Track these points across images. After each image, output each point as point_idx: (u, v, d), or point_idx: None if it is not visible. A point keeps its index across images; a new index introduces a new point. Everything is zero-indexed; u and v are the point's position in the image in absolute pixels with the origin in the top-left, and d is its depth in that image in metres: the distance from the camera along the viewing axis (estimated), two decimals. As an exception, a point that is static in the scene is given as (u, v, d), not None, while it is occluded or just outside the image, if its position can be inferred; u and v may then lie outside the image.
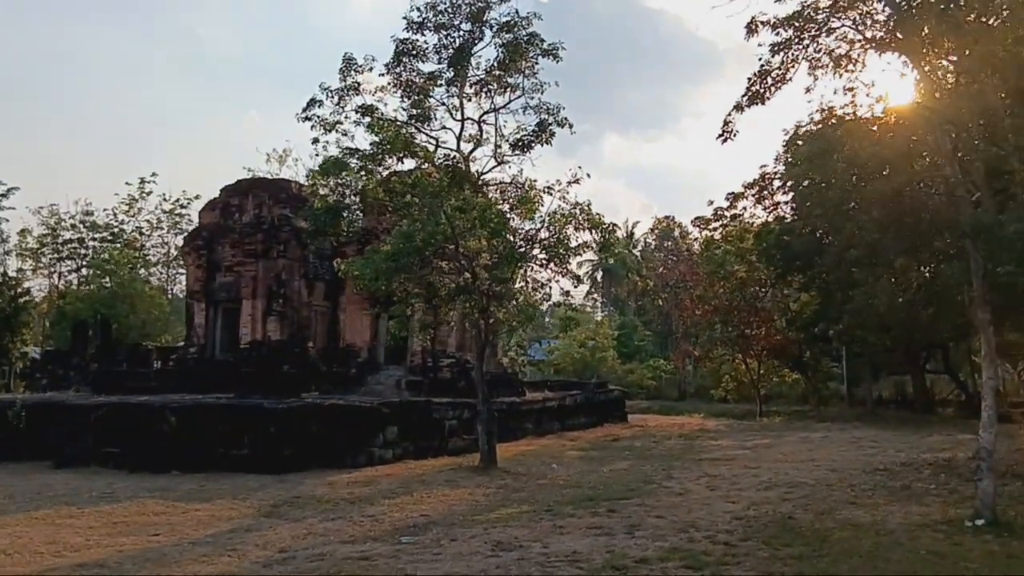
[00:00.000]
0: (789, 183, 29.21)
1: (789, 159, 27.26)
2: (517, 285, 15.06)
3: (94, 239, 57.49)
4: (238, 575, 8.13)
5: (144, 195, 57.55)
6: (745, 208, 35.56)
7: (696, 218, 38.08)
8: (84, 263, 56.48)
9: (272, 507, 12.19)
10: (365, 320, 23.42)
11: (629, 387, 46.61)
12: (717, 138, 11.44)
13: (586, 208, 16.30)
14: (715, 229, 37.20)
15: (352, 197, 17.24)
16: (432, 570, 8.17)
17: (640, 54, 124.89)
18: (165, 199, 57.55)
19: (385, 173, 15.51)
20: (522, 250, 14.14)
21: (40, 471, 15.85)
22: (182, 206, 56.70)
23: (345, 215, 19.16)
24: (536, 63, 17.58)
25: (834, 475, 15.01)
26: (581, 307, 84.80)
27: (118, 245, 56.62)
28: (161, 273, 57.95)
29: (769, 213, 34.42)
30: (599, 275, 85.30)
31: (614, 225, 16.28)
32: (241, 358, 24.38)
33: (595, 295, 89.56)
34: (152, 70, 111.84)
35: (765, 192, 33.74)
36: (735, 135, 11.42)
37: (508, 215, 14.39)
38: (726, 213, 36.38)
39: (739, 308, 33.91)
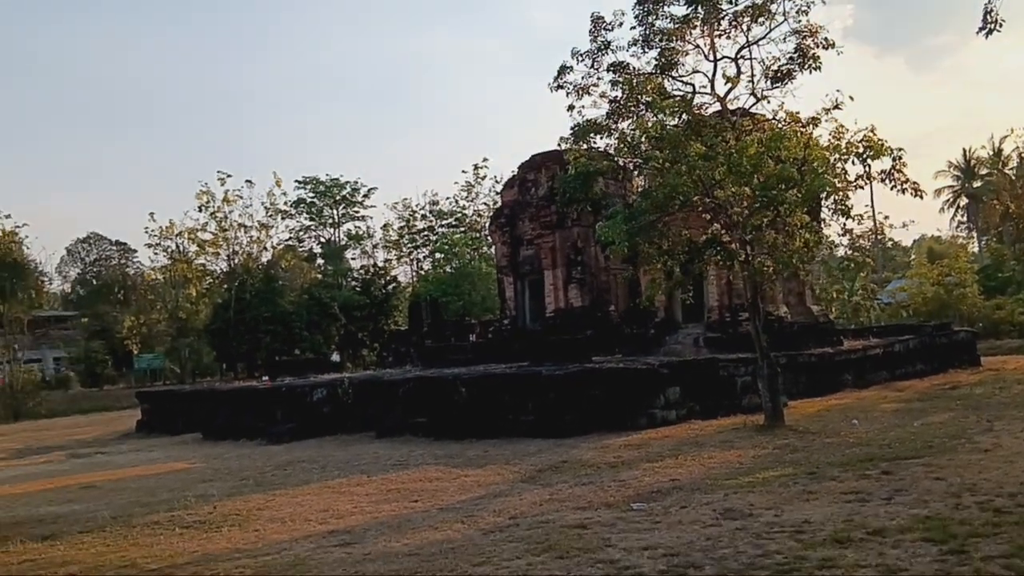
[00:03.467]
0: None
1: None
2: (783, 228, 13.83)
3: (442, 226, 62.93)
4: (458, 540, 8.44)
5: (479, 180, 61.69)
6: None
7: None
8: (435, 248, 62.16)
9: (537, 472, 12.49)
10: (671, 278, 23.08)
11: (997, 325, 41.19)
12: (979, 32, 9.50)
13: (869, 134, 14.55)
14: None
15: (605, 163, 16.91)
16: (639, 541, 7.83)
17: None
18: (497, 182, 61.44)
19: (631, 129, 15.02)
20: (772, 193, 12.91)
21: (362, 441, 17.76)
22: (510, 186, 59.87)
23: (601, 179, 18.92)
24: (801, -22, 15.92)
25: None
26: (951, 239, 76.32)
27: (461, 230, 61.55)
28: (499, 251, 61.72)
29: None
30: (962, 201, 76.08)
31: (900, 150, 14.31)
32: (547, 326, 25.37)
33: (967, 223, 79.90)
34: (494, 59, 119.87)
35: None
36: (1000, 25, 9.41)
37: (761, 156, 13.20)
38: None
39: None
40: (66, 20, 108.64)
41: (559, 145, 17.44)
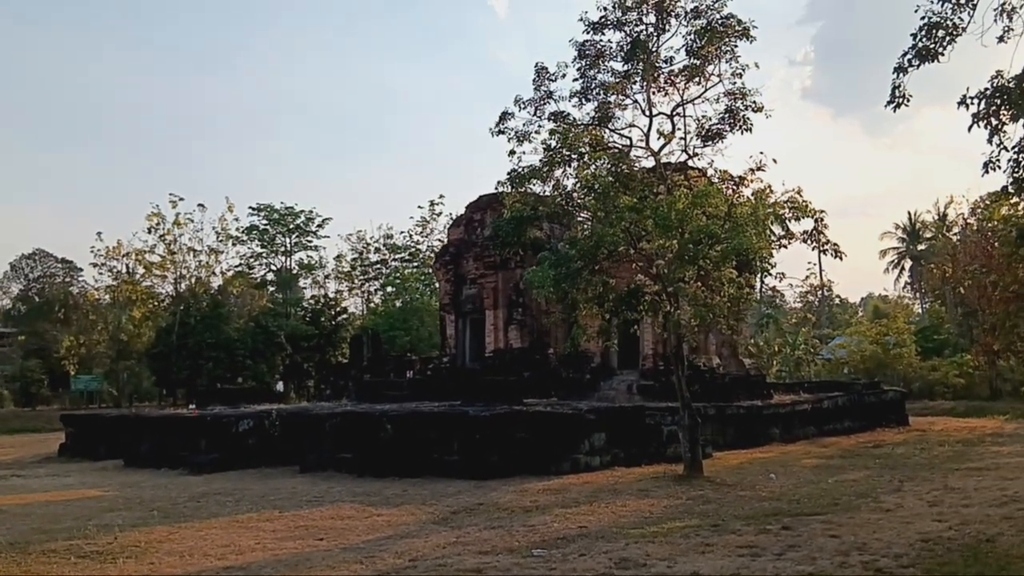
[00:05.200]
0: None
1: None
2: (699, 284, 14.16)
3: (395, 260, 62.89)
4: (351, 582, 8.42)
5: (435, 216, 61.84)
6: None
7: (989, 194, 33.55)
8: (386, 282, 62.00)
9: (450, 513, 12.46)
10: (596, 325, 23.34)
11: (932, 386, 42.15)
12: (887, 105, 9.95)
13: (795, 195, 15.04)
14: (1016, 204, 32.43)
15: (540, 208, 17.16)
16: (529, 587, 7.91)
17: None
18: (452, 219, 61.57)
19: (565, 178, 15.38)
20: (696, 248, 13.24)
21: (285, 475, 17.55)
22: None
23: (541, 225, 19.15)
24: (735, 46, 16.48)
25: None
26: (896, 299, 77.98)
27: (414, 264, 61.54)
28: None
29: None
30: (907, 263, 77.93)
31: (822, 212, 14.82)
32: (486, 366, 25.42)
33: (912, 285, 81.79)
34: (459, 97, 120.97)
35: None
36: (908, 100, 9.87)
37: (689, 212, 13.54)
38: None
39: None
40: (24, 23, 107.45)
41: (496, 188, 17.71)
